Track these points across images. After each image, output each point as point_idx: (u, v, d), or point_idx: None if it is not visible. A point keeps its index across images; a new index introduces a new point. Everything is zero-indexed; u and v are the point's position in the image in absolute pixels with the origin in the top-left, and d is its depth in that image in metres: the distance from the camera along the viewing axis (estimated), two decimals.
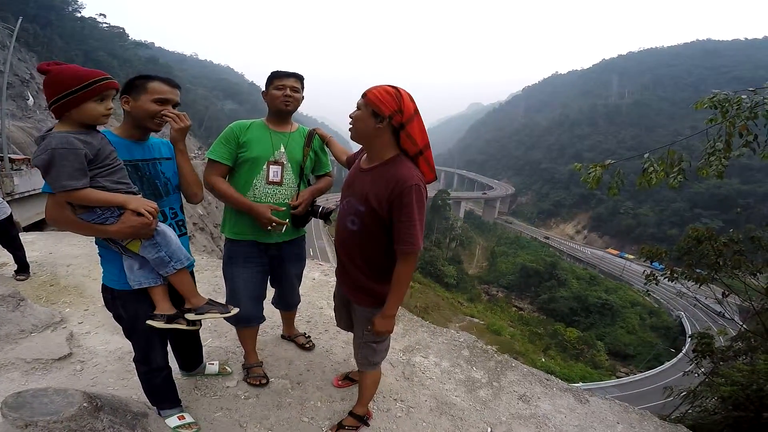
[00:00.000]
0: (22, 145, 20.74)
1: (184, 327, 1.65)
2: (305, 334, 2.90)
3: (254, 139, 2.08)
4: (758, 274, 4.56)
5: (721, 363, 4.81)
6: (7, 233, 3.96)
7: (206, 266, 4.27)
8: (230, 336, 2.80)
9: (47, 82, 1.33)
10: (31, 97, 28.59)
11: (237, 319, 2.10)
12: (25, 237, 4.78)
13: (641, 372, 31.25)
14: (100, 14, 66.04)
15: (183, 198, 1.88)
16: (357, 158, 1.87)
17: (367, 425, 2.12)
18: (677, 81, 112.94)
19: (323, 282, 4.11)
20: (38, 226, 13.83)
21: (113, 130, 1.65)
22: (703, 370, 5.06)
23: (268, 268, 2.30)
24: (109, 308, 1.73)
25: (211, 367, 2.40)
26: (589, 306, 44.08)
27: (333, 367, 2.62)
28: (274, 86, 2.09)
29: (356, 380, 2.33)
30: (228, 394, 2.24)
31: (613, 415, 2.48)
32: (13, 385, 2.15)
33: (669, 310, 44.84)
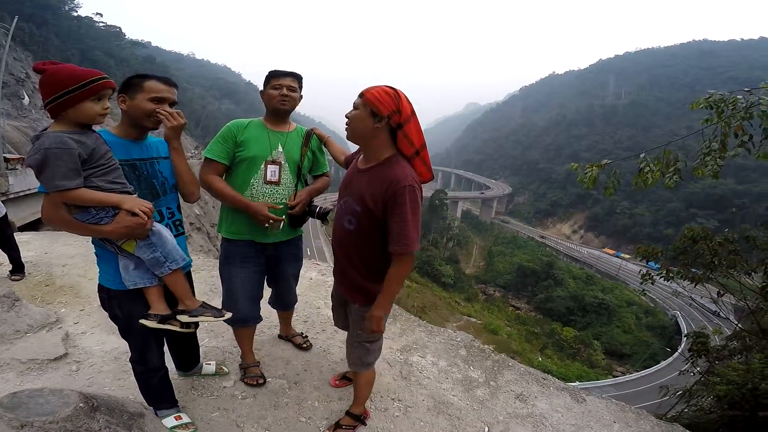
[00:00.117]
0: (17, 144, 20.61)
1: (176, 329, 1.64)
2: (302, 333, 2.89)
3: (252, 138, 2.07)
4: (753, 273, 4.59)
5: (717, 362, 4.84)
6: (2, 233, 3.93)
7: (203, 266, 4.26)
8: (227, 336, 2.79)
9: (43, 82, 1.32)
10: (26, 97, 28.43)
11: (234, 319, 2.10)
12: (20, 237, 4.75)
13: (637, 371, 31.36)
14: (97, 13, 65.75)
15: (180, 197, 1.88)
16: (354, 158, 1.87)
17: (364, 425, 2.12)
18: (673, 81, 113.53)
19: (320, 282, 4.10)
20: (33, 226, 13.75)
21: (111, 130, 1.65)
22: (698, 369, 5.09)
23: (265, 268, 2.29)
24: (105, 308, 1.72)
25: (207, 367, 2.39)
26: (585, 305, 44.21)
27: (330, 366, 2.62)
28: (271, 85, 2.08)
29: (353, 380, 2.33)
30: (225, 394, 2.24)
31: (610, 414, 2.48)
32: (8, 386, 2.14)
33: (665, 309, 45.07)
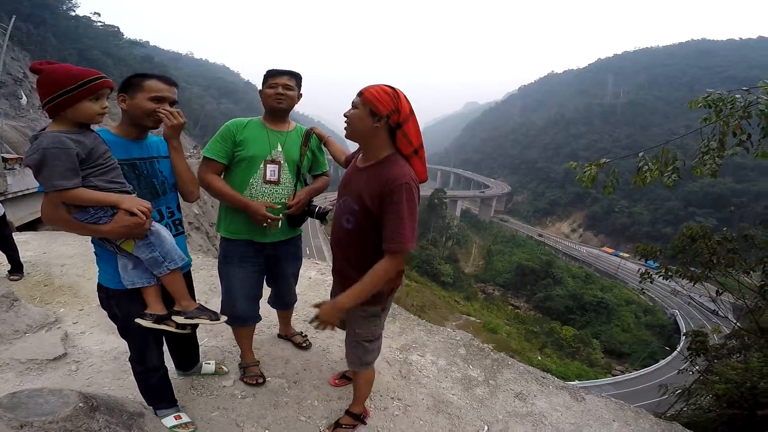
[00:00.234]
0: (15, 144, 20.56)
1: (172, 329, 1.64)
2: (302, 333, 2.89)
3: (251, 137, 2.07)
4: (751, 272, 4.60)
5: (716, 361, 4.86)
6: (1, 233, 3.92)
7: (202, 265, 4.25)
8: (226, 335, 2.79)
9: (41, 82, 1.32)
10: (24, 96, 28.35)
11: (233, 318, 2.10)
12: (18, 237, 4.74)
13: (636, 370, 31.44)
14: (95, 13, 65.66)
15: (180, 197, 1.87)
16: (354, 158, 1.87)
17: (364, 424, 2.12)
18: (672, 80, 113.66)
19: (319, 281, 4.10)
20: (32, 225, 13.74)
21: (111, 129, 1.64)
22: (697, 368, 5.11)
23: (264, 267, 2.29)
24: (104, 307, 1.72)
25: (207, 366, 2.39)
26: (584, 304, 44.29)
27: (330, 365, 2.62)
28: (267, 84, 2.08)
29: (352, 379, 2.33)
30: (224, 393, 2.24)
31: (609, 413, 2.49)
32: (7, 386, 2.14)
33: (664, 308, 45.15)
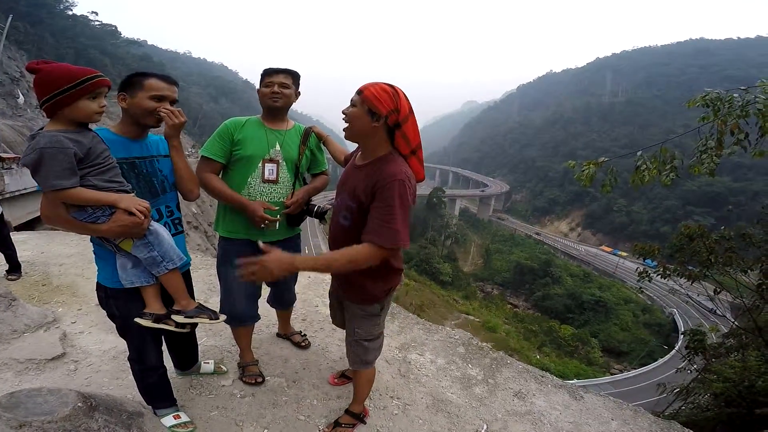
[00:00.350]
0: (12, 143, 20.47)
1: (171, 328, 1.64)
2: (301, 332, 2.89)
3: (249, 136, 2.07)
4: (749, 271, 4.62)
5: (713, 360, 4.88)
6: None
7: (200, 265, 4.25)
8: (225, 335, 2.78)
9: (38, 81, 1.32)
10: (21, 95, 28.25)
11: (231, 318, 2.10)
12: (16, 236, 4.72)
13: (635, 369, 31.54)
14: (92, 12, 65.52)
15: (179, 196, 1.87)
16: (353, 156, 1.86)
17: (363, 423, 2.12)
18: (670, 79, 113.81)
19: (318, 280, 4.10)
20: (30, 225, 13.69)
21: (111, 128, 1.64)
22: (695, 366, 5.13)
23: None
24: (103, 306, 1.72)
25: (206, 365, 2.39)
26: (583, 303, 44.42)
27: (329, 365, 2.62)
28: (264, 83, 2.08)
29: (352, 378, 2.33)
30: (224, 392, 2.24)
31: (608, 412, 2.50)
32: (6, 386, 2.14)
33: (662, 307, 45.27)
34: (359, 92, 1.52)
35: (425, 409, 2.32)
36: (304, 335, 2.87)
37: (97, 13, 65.69)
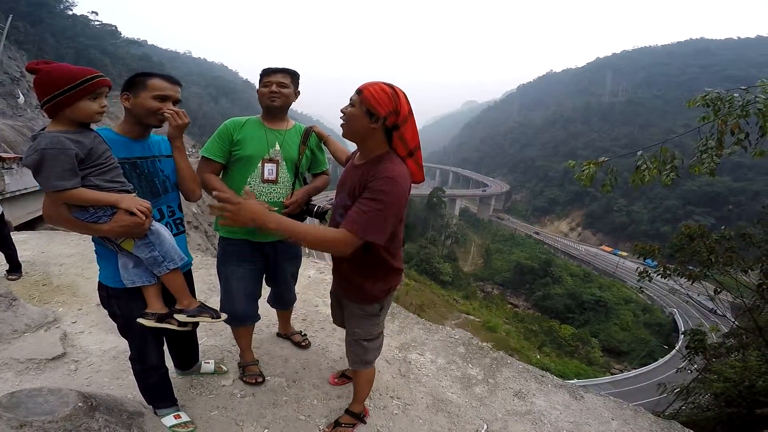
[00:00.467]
0: (13, 143, 20.48)
1: (174, 327, 1.64)
2: (301, 332, 2.90)
3: (249, 136, 2.07)
4: (750, 270, 4.62)
5: (714, 360, 4.88)
6: None
7: (201, 265, 4.25)
8: (226, 334, 2.79)
9: (38, 82, 1.32)
10: (21, 95, 28.26)
11: (231, 318, 2.10)
12: (17, 236, 4.72)
13: (635, 369, 31.53)
14: (92, 12, 65.46)
15: (181, 196, 1.87)
16: (353, 156, 1.86)
17: (363, 422, 2.12)
18: (670, 79, 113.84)
19: (319, 280, 4.10)
20: (30, 225, 13.70)
21: (113, 128, 1.64)
22: (696, 366, 5.13)
23: (263, 266, 2.29)
24: (105, 306, 1.72)
25: (206, 365, 2.39)
26: (583, 303, 44.42)
27: (329, 364, 2.63)
28: (262, 83, 2.08)
29: (352, 378, 2.33)
30: (224, 392, 2.24)
31: (608, 412, 2.50)
32: (6, 386, 2.14)
33: (662, 306, 45.25)
34: (359, 92, 1.50)
35: (425, 409, 2.32)
36: (305, 335, 2.87)
37: (97, 13, 65.75)
